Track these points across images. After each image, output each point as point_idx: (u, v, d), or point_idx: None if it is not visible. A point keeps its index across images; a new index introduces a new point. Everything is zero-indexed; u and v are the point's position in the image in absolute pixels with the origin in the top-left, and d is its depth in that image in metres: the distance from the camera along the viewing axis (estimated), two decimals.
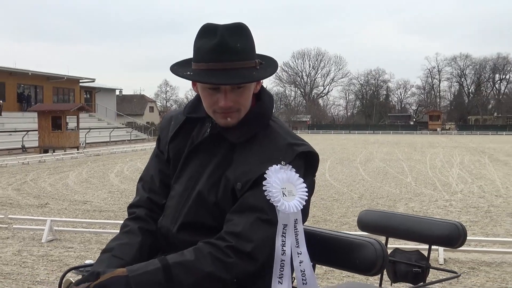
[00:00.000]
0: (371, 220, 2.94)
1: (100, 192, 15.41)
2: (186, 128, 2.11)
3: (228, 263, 1.81)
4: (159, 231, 2.06)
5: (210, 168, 1.99)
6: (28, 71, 47.31)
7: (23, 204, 13.27)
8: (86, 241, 8.97)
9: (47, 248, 8.46)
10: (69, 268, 2.26)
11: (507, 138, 56.82)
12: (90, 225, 9.89)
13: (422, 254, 2.86)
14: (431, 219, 2.87)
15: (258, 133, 1.98)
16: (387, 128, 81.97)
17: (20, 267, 7.40)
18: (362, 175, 19.53)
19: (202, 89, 1.97)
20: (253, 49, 1.96)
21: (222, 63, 1.87)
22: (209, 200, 1.96)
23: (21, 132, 36.34)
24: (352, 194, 14.60)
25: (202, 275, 1.80)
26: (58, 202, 13.51)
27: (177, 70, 1.99)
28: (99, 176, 19.66)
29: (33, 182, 17.72)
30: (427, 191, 15.30)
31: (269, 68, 2.00)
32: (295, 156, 1.92)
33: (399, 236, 2.83)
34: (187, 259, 1.82)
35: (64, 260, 7.68)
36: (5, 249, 8.43)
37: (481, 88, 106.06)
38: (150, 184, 2.16)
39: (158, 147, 2.21)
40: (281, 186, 1.78)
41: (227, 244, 1.82)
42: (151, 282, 1.76)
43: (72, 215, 11.49)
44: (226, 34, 1.87)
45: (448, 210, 11.97)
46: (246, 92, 1.95)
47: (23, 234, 9.46)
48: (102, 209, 12.47)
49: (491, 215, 11.44)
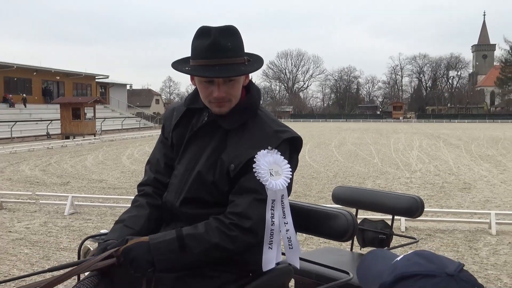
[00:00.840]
0: (344, 194, 2.95)
1: (114, 172, 15.38)
2: (187, 118, 2.11)
3: (232, 236, 1.84)
4: (164, 205, 2.06)
5: (208, 151, 1.99)
6: (51, 69, 46.99)
7: (48, 182, 13.22)
8: (102, 214, 8.95)
9: (68, 220, 8.45)
10: (86, 237, 2.26)
11: (459, 125, 57.12)
12: (105, 200, 9.90)
13: (386, 223, 2.87)
14: (394, 193, 2.88)
15: (248, 121, 1.98)
16: (358, 117, 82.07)
17: (46, 236, 7.39)
18: (336, 157, 19.58)
19: (198, 82, 1.97)
20: (242, 47, 1.96)
21: (215, 59, 1.87)
22: (207, 179, 1.96)
23: (46, 121, 36.14)
24: (327, 173, 14.64)
25: (210, 245, 1.83)
26: (78, 181, 13.48)
27: (177, 66, 1.99)
28: (113, 159, 19.60)
29: (57, 164, 17.65)
30: (391, 170, 15.37)
31: (255, 64, 2.00)
32: (280, 142, 1.93)
33: (367, 208, 2.84)
34: (198, 231, 1.85)
35: (84, 230, 7.67)
36: (33, 221, 8.41)
37: (436, 83, 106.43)
38: (156, 166, 2.16)
39: (162, 134, 2.21)
40: (268, 167, 1.78)
41: (231, 222, 1.85)
42: (167, 249, 1.80)
43: (90, 191, 11.46)
44: (218, 35, 1.88)
45: (409, 186, 12.05)
46: (236, 85, 1.96)
47: (48, 208, 9.43)
48: (116, 186, 12.45)
49: (445, 190, 11.53)
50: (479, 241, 7.12)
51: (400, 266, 1.05)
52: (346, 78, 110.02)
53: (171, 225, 2.00)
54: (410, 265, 1.04)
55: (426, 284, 0.99)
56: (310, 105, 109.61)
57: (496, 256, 6.41)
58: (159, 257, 1.79)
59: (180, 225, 1.94)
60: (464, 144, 25.94)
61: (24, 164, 17.55)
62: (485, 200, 10.32)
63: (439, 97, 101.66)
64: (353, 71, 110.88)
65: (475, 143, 27.06)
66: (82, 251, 2.28)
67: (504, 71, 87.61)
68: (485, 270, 5.84)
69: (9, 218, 8.61)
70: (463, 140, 29.70)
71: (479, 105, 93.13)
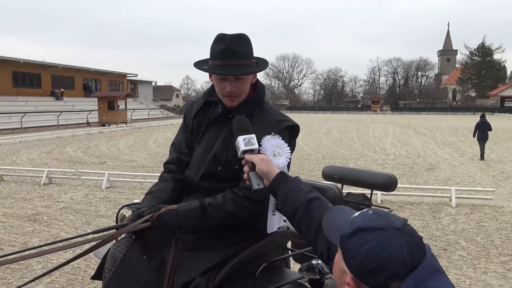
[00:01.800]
0: (331, 172, 2.95)
1: (142, 153, 15.41)
2: (205, 109, 2.10)
3: (244, 206, 1.87)
4: (186, 179, 2.07)
5: (222, 136, 2.00)
6: (90, 68, 46.80)
7: (89, 162, 13.27)
8: (132, 188, 9.01)
9: (105, 193, 8.50)
10: (122, 206, 2.28)
11: (426, 116, 56.89)
12: (135, 176, 9.93)
13: (366, 196, 2.88)
14: (372, 172, 2.88)
15: (255, 112, 1.98)
16: (342, 109, 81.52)
17: (87, 205, 7.44)
18: (325, 142, 19.57)
19: (215, 79, 1.97)
20: (251, 52, 1.95)
21: (228, 61, 1.87)
22: (222, 158, 1.97)
23: (86, 111, 36.10)
24: (317, 155, 14.65)
25: (226, 213, 1.86)
26: (112, 161, 13.52)
27: (198, 65, 2.00)
28: (141, 143, 19.63)
29: (95, 147, 17.69)
30: (369, 153, 15.37)
31: (261, 66, 2.01)
32: (282, 129, 1.93)
33: (351, 183, 2.84)
34: (217, 201, 1.87)
35: (118, 201, 7.73)
36: (76, 193, 8.46)
37: (408, 81, 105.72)
38: (179, 148, 2.16)
39: (184, 122, 2.21)
40: (272, 149, 1.79)
41: (243, 194, 1.87)
42: (192, 215, 1.83)
43: (123, 169, 11.51)
44: (232, 41, 1.88)
45: (384, 166, 12.06)
46: (245, 82, 1.96)
47: (88, 183, 9.49)
48: (143, 165, 12.49)
49: (414, 170, 11.54)
50: (441, 212, 7.16)
51: (357, 221, 1.08)
52: (333, 77, 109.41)
53: (191, 196, 2.01)
54: (366, 221, 1.07)
55: (377, 236, 1.02)
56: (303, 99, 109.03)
57: (455, 224, 6.45)
58: (186, 222, 1.82)
59: (199, 196, 1.95)
60: (430, 132, 25.88)
61: (69, 147, 17.60)
62: (447, 178, 10.34)
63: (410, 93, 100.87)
64: (339, 71, 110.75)
65: (439, 131, 27.00)
66: (119, 217, 2.30)
67: (464, 72, 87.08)
68: (446, 235, 5.88)
69: (57, 191, 8.67)
70: (429, 129, 29.63)
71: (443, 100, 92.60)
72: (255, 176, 1.62)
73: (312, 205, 1.47)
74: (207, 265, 1.85)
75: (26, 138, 20.88)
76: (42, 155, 14.93)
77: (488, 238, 5.78)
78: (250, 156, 1.66)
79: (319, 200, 1.50)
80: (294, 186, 1.55)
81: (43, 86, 40.34)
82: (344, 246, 1.07)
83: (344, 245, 1.07)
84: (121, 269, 1.87)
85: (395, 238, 1.02)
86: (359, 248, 1.03)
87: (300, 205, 1.49)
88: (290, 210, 1.52)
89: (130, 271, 1.85)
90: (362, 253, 1.02)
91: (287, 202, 1.53)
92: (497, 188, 8.92)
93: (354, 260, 1.03)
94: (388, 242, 1.01)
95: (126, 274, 1.85)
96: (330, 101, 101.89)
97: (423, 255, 1.03)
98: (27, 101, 35.83)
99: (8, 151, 16.00)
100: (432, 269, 1.02)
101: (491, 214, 7.00)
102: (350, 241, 1.06)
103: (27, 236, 5.71)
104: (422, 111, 73.38)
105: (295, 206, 1.50)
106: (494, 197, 8.01)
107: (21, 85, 37.99)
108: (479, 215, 6.96)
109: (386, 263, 0.99)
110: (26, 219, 6.51)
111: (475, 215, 6.92)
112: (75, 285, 4.17)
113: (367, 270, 1.01)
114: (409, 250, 1.01)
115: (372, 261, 1.00)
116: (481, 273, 4.60)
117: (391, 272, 0.99)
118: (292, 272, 2.14)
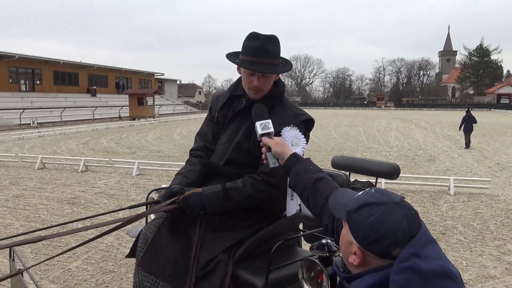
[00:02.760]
0: (340, 161, 2.93)
1: (168, 145, 15.52)
2: (230, 102, 2.10)
3: (262, 189, 1.87)
4: (211, 165, 2.07)
5: (245, 126, 1.99)
6: (122, 68, 47.18)
7: (121, 152, 13.42)
8: (159, 175, 9.09)
9: (135, 179, 8.59)
10: (151, 190, 2.30)
11: (427, 112, 56.05)
12: (162, 165, 10.01)
13: (371, 183, 2.85)
14: (378, 161, 2.86)
15: (275, 106, 1.97)
16: (349, 105, 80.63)
17: (119, 190, 7.54)
18: (333, 135, 19.45)
19: (243, 72, 1.96)
20: (279, 52, 1.95)
21: (260, 58, 1.86)
22: (244, 146, 1.97)
23: (118, 107, 36.48)
24: (326, 147, 14.58)
25: (246, 195, 1.86)
26: (142, 151, 13.65)
27: (230, 57, 1.99)
28: (167, 135, 19.76)
29: (126, 138, 17.88)
30: (374, 145, 15.24)
31: (287, 67, 2.00)
32: (299, 122, 1.93)
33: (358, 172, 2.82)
34: (237, 185, 1.88)
35: (146, 187, 7.81)
36: (110, 179, 8.57)
37: (411, 80, 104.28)
38: (205, 137, 2.16)
39: (210, 114, 2.21)
40: (290, 140, 1.79)
41: (261, 179, 1.87)
42: (215, 198, 1.84)
43: (151, 159, 11.61)
44: (265, 40, 1.87)
45: (388, 158, 11.94)
46: (270, 79, 1.95)
47: (120, 170, 9.60)
48: (169, 155, 12.58)
49: (415, 161, 11.41)
50: (440, 199, 7.07)
51: (361, 198, 1.14)
52: (341, 76, 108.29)
53: (215, 180, 2.01)
54: (369, 197, 1.12)
55: (380, 209, 1.07)
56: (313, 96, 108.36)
57: (453, 210, 6.37)
58: (209, 204, 1.83)
59: (222, 180, 1.95)
60: (430, 127, 25.51)
61: (103, 138, 17.82)
62: (446, 169, 10.20)
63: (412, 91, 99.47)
64: (346, 70, 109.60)
65: (439, 126, 26.59)
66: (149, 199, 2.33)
67: (463, 71, 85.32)
68: (445, 221, 5.81)
69: (93, 177, 8.80)
70: (430, 123, 29.21)
71: (443, 97, 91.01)
72: (271, 156, 1.67)
73: (319, 183, 1.53)
74: (228, 244, 1.87)
75: (65, 131, 21.20)
76: (79, 145, 15.14)
77: (484, 224, 5.70)
78: (266, 139, 1.70)
79: (325, 179, 1.55)
80: (304, 167, 1.60)
81: (80, 84, 40.89)
82: (350, 219, 1.12)
83: (350, 219, 1.12)
84: (152, 248, 1.89)
85: (395, 211, 1.07)
86: (364, 220, 1.08)
87: (308, 184, 1.54)
88: (300, 187, 1.57)
89: (160, 250, 1.88)
90: (367, 224, 1.07)
91: (297, 180, 1.58)
92: (492, 178, 8.77)
93: (360, 231, 1.08)
94: (389, 214, 1.06)
95: (157, 252, 1.88)
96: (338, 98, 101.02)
97: (419, 226, 1.08)
98: (66, 98, 36.39)
99: (50, 142, 16.28)
100: (426, 239, 1.06)
101: (487, 202, 6.89)
102: (355, 215, 1.11)
103: (67, 217, 5.82)
104: (424, 107, 72.24)
105: (304, 184, 1.55)
106: (490, 186, 7.88)
107: (61, 83, 38.58)
108: (476, 202, 6.86)
109: (388, 232, 1.04)
110: (65, 202, 6.63)
111: (472, 203, 6.82)
112: (108, 261, 4.24)
113: (372, 239, 1.05)
114: (407, 221, 1.06)
115: (376, 231, 1.05)
116: (477, 255, 4.54)
117: (392, 240, 1.04)
118: (303, 251, 2.14)
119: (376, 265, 1.07)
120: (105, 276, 3.88)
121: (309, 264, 1.62)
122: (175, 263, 1.84)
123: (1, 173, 9.27)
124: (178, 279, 1.82)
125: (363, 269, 1.09)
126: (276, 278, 1.80)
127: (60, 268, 4.06)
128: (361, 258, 1.09)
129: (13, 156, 11.16)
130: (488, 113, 52.22)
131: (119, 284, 3.72)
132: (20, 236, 3.26)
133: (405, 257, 1.01)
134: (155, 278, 1.84)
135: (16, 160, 10.75)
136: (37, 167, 9.82)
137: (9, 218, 5.73)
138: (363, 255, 1.08)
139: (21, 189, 7.61)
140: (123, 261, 4.21)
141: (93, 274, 3.93)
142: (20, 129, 23.38)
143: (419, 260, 1.00)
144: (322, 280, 1.58)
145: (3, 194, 7.19)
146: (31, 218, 5.73)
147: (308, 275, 1.62)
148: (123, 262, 4.19)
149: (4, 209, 6.20)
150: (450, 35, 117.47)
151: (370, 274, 1.06)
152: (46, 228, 1.88)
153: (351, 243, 1.11)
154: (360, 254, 1.08)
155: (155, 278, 1.84)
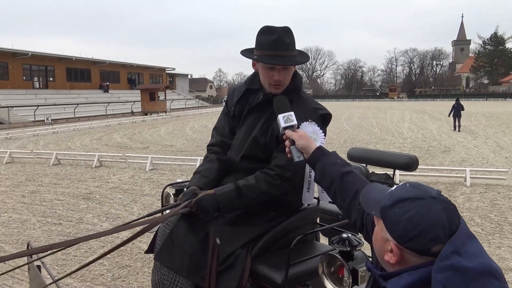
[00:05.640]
0: (356, 153, 2.88)
1: (180, 139, 15.56)
2: (246, 96, 2.06)
3: (276, 184, 1.83)
4: (228, 160, 2.04)
5: (262, 121, 1.96)
6: (134, 63, 47.40)
7: (134, 147, 13.50)
8: (172, 170, 9.12)
9: (149, 174, 8.63)
10: (167, 184, 2.29)
11: (440, 103, 55.30)
12: (175, 160, 10.04)
13: (389, 175, 2.80)
14: (395, 153, 2.80)
15: (293, 100, 1.92)
16: (361, 97, 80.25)
17: (133, 185, 7.58)
18: (346, 127, 19.32)
19: (262, 67, 1.91)
20: (295, 44, 1.91)
21: (278, 51, 1.82)
22: (261, 142, 1.93)
23: (130, 102, 36.69)
24: (339, 140, 14.49)
25: (260, 192, 1.83)
26: (155, 146, 13.71)
27: (245, 53, 1.95)
28: (179, 130, 19.83)
29: (139, 134, 17.98)
30: (388, 137, 15.09)
31: (305, 58, 1.95)
32: (318, 116, 1.89)
33: (375, 164, 2.77)
34: (250, 182, 1.84)
35: (160, 181, 7.84)
36: (124, 174, 8.63)
37: (423, 70, 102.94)
38: (221, 131, 2.13)
39: (226, 107, 2.18)
40: (309, 135, 1.76)
41: (275, 173, 1.84)
42: (229, 197, 1.81)
43: (164, 153, 11.66)
44: (281, 33, 1.83)
45: (402, 149, 11.81)
46: (290, 72, 1.91)
47: (134, 165, 9.66)
48: (182, 150, 12.62)
49: (430, 152, 11.27)
50: (456, 191, 6.97)
51: (396, 193, 1.09)
52: (353, 67, 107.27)
53: (232, 175, 1.99)
54: (404, 192, 1.07)
55: (417, 204, 1.03)
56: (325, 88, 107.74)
57: (470, 202, 6.27)
58: (224, 204, 1.80)
59: (238, 176, 1.93)
60: (444, 118, 25.14)
61: (116, 134, 17.95)
62: (461, 160, 10.05)
63: (425, 81, 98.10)
64: (358, 62, 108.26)
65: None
66: (164, 194, 2.32)
67: (477, 60, 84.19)
68: (461, 212, 5.72)
69: (107, 173, 8.86)
70: (444, 114, 28.77)
71: (456, 87, 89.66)
72: (295, 150, 1.62)
73: (347, 177, 1.48)
74: (246, 239, 1.85)
75: (79, 127, 21.42)
76: (93, 141, 15.28)
77: (502, 215, 5.60)
78: (290, 133, 1.65)
79: (353, 173, 1.50)
80: (330, 160, 1.55)
81: (92, 80, 41.20)
82: (385, 216, 1.07)
83: (385, 215, 1.07)
84: (170, 242, 1.88)
85: (433, 206, 1.02)
86: (401, 216, 1.03)
87: (336, 178, 1.49)
88: (327, 181, 1.53)
89: (177, 244, 1.86)
90: (405, 220, 1.02)
91: (324, 174, 1.54)
92: (510, 169, 8.62)
93: (397, 227, 1.03)
94: (427, 209, 1.02)
95: (175, 246, 1.86)
96: (350, 89, 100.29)
97: (458, 221, 1.03)
98: (79, 94, 36.71)
99: (64, 138, 16.46)
100: (467, 234, 1.01)
101: (504, 193, 6.77)
102: (391, 210, 1.06)
103: (82, 212, 5.87)
104: (437, 98, 71.41)
105: (331, 178, 1.51)
106: (507, 177, 7.74)
107: (73, 80, 38.93)
108: (493, 194, 6.74)
109: (428, 228, 1.00)
110: (80, 198, 6.69)
111: (489, 194, 6.71)
112: (124, 255, 4.27)
113: (411, 235, 1.01)
114: (447, 215, 1.01)
115: (415, 227, 1.00)
116: (495, 247, 4.46)
117: (432, 236, 0.99)
118: (322, 245, 2.11)
119: (414, 263, 1.02)
120: (121, 271, 3.91)
121: (329, 259, 1.59)
122: (193, 257, 1.83)
123: (17, 170, 9.40)
124: (196, 273, 1.81)
125: (399, 267, 1.05)
126: (295, 273, 1.77)
127: (77, 263, 4.10)
128: (398, 256, 1.04)
129: (28, 153, 11.30)
130: (503, 102, 51.35)
131: (135, 278, 3.74)
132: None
133: (446, 255, 0.97)
134: (175, 275, 1.83)
135: (31, 157, 10.89)
136: (52, 163, 9.94)
137: (26, 214, 5.80)
138: (401, 253, 1.04)
139: (37, 185, 7.70)
140: (138, 256, 4.23)
141: (109, 268, 3.96)
142: (34, 125, 23.69)
143: (461, 258, 0.96)
144: (343, 275, 1.55)
145: (20, 190, 7.29)
146: (47, 214, 5.79)
147: (329, 270, 1.60)
148: (138, 257, 4.21)
149: (21, 205, 6.28)
150: (463, 24, 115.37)
151: (409, 272, 1.02)
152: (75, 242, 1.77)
153: (387, 240, 1.06)
154: (398, 252, 1.04)
155: (175, 276, 1.83)
